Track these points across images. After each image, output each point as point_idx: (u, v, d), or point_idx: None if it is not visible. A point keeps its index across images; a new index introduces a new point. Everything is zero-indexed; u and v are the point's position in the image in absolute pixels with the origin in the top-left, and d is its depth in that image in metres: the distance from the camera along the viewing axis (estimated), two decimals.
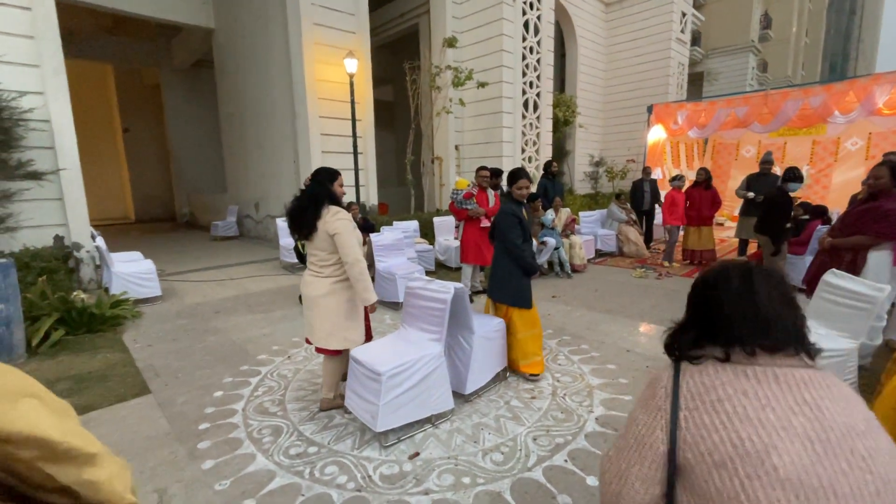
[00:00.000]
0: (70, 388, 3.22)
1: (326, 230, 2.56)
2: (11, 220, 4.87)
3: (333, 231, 2.55)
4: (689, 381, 0.92)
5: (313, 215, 2.58)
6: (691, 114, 10.87)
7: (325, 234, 2.57)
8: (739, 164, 12.18)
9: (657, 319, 4.60)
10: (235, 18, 10.07)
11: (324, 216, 2.58)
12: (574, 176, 14.58)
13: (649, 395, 0.98)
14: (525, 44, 9.87)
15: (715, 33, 21.40)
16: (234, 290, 6.06)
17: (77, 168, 5.43)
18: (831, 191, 10.32)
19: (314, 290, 2.69)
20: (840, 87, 8.59)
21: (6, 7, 4.89)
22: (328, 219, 2.57)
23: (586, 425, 2.65)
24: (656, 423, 0.93)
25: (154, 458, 2.40)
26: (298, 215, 2.64)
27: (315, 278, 2.70)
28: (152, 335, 4.34)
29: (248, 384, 3.26)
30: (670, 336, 1.07)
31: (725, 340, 0.93)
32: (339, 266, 2.67)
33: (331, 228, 2.55)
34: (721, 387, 0.88)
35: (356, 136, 7.84)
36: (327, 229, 2.56)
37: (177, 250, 9.52)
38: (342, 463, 2.32)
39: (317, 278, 2.69)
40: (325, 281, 2.67)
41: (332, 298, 2.68)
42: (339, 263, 2.66)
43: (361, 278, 2.58)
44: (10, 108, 4.73)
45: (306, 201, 2.63)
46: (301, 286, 2.82)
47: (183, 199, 15.74)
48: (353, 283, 2.63)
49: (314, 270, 2.72)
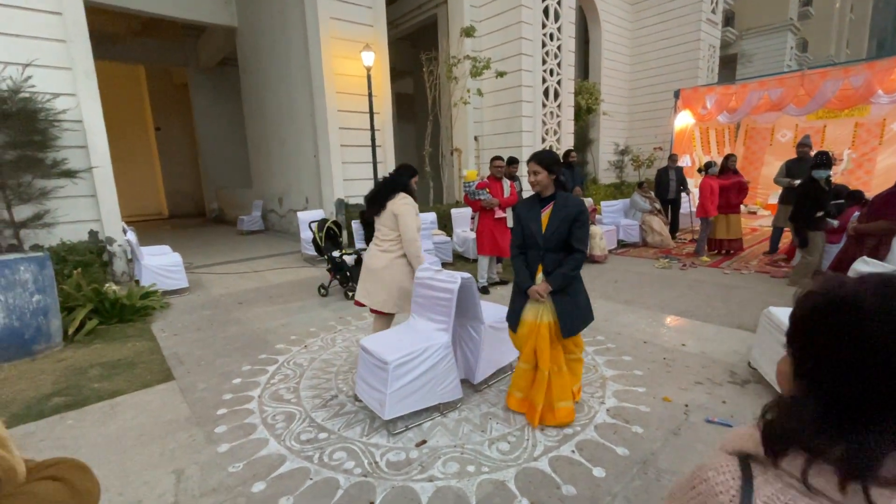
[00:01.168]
0: (101, 374, 3.40)
1: (393, 210, 3.04)
2: (48, 217, 5.15)
3: (398, 211, 3.01)
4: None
5: (385, 196, 3.10)
6: (721, 98, 10.41)
7: (392, 213, 3.04)
8: (775, 149, 11.62)
9: (678, 311, 4.47)
10: (256, 16, 10.26)
11: (395, 199, 3.06)
12: (598, 165, 14.23)
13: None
14: (545, 30, 9.66)
15: (749, 12, 20.37)
16: (256, 281, 6.23)
17: (108, 166, 5.68)
18: (875, 175, 9.73)
19: (376, 262, 3.12)
20: (884, 64, 8.03)
21: (39, 13, 5.13)
22: (397, 201, 3.05)
23: (596, 416, 2.61)
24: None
25: (174, 440, 2.51)
26: (374, 194, 3.17)
27: (378, 252, 3.13)
28: (178, 325, 4.53)
29: (265, 372, 3.36)
30: (783, 413, 0.58)
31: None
32: (397, 242, 3.09)
33: (396, 209, 3.03)
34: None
35: (374, 129, 7.89)
36: (394, 209, 3.03)
37: (205, 244, 9.86)
38: (350, 449, 2.37)
39: (379, 252, 3.13)
40: (386, 256, 3.10)
41: (390, 271, 3.09)
42: (397, 240, 3.09)
43: (417, 254, 3.06)
44: (45, 109, 4.97)
45: (384, 185, 3.17)
46: (365, 257, 3.27)
47: (211, 194, 16.26)
48: (409, 258, 3.08)
49: (377, 245, 3.16)
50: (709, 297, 4.85)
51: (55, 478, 0.60)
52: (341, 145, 8.17)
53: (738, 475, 0.56)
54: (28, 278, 3.67)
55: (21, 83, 4.80)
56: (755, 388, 2.89)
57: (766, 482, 0.54)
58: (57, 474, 0.60)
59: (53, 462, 0.63)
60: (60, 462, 0.63)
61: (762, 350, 2.97)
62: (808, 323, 0.59)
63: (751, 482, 0.55)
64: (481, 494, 2.01)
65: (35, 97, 4.90)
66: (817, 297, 0.58)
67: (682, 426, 2.49)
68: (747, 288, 5.15)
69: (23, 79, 4.81)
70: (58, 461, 0.63)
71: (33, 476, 0.59)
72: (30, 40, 5.08)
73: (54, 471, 0.61)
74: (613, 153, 14.51)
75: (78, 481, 0.62)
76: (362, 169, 8.34)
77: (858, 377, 0.53)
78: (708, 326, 4.01)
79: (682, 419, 2.55)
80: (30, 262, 3.70)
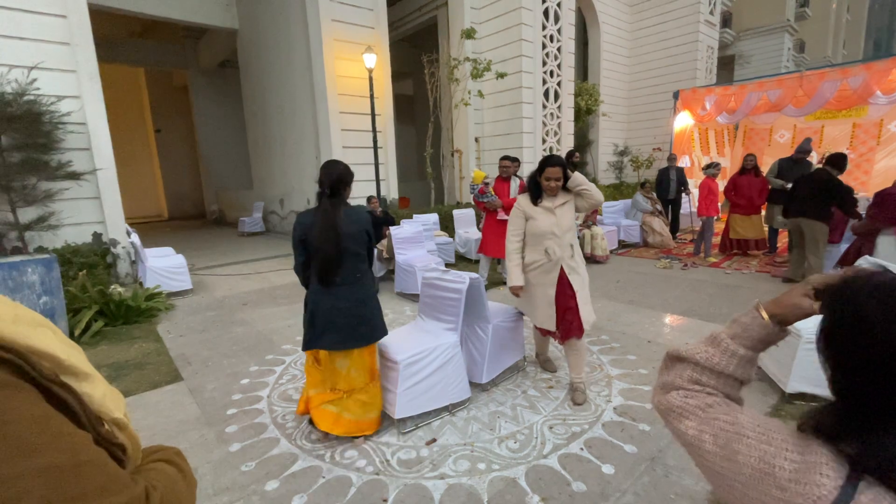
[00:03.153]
0: (109, 375, 3.42)
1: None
2: (53, 219, 5.16)
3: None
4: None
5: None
6: (720, 98, 10.48)
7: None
8: (773, 149, 11.66)
9: (681, 310, 4.50)
10: (258, 18, 10.29)
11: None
12: (597, 166, 14.29)
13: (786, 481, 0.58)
14: (545, 32, 9.71)
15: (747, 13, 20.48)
16: (259, 283, 6.25)
17: (112, 168, 5.69)
18: (873, 176, 9.78)
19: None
20: (882, 65, 8.11)
21: (44, 16, 5.15)
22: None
23: (604, 415, 2.64)
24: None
25: (185, 440, 2.53)
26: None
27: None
28: (184, 326, 4.54)
29: (272, 372, 3.38)
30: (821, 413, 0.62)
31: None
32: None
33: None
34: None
35: (376, 130, 7.92)
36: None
37: (206, 246, 9.87)
38: (361, 448, 2.39)
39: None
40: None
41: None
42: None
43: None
44: (49, 111, 4.99)
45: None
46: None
47: (212, 196, 16.26)
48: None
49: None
50: (711, 296, 4.89)
51: (166, 460, 0.65)
52: (343, 147, 8.19)
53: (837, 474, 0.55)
54: (35, 280, 3.69)
55: (26, 86, 4.82)
56: (759, 385, 2.92)
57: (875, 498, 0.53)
58: (166, 458, 0.66)
59: (157, 448, 0.69)
60: (163, 448, 0.69)
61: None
62: (826, 337, 0.63)
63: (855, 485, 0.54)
64: (493, 492, 2.03)
65: (40, 100, 4.91)
66: (829, 313, 0.63)
67: None
68: (749, 288, 5.20)
69: (28, 81, 4.83)
70: (161, 447, 0.69)
71: (148, 459, 0.65)
72: (35, 43, 5.10)
73: (163, 454, 0.67)
74: (613, 154, 14.57)
75: (183, 465, 0.68)
76: (364, 170, 8.36)
77: (875, 383, 0.56)
78: (711, 325, 4.05)
79: None
80: (37, 264, 3.72)
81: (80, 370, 0.53)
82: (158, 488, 0.55)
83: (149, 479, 0.56)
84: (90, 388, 0.53)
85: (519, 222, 2.80)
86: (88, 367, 0.55)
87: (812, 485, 0.55)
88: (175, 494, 0.59)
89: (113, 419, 0.56)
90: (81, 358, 0.55)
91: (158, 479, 0.59)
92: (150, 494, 0.53)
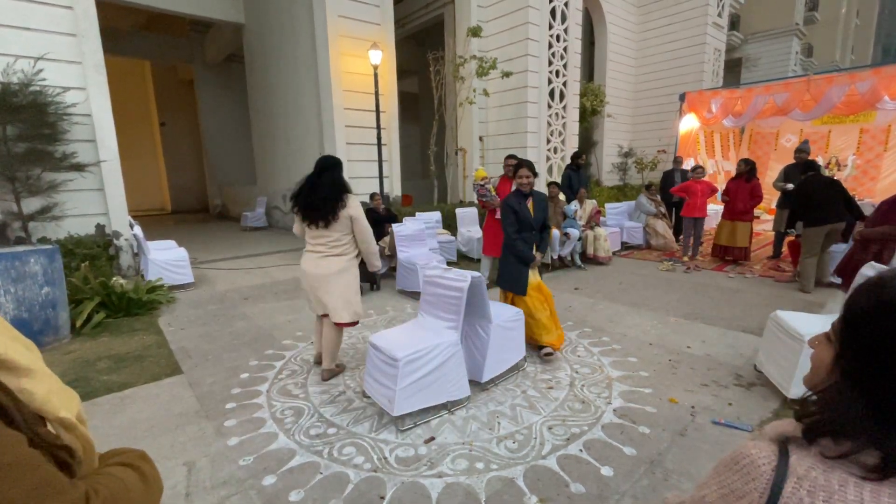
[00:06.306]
0: (109, 366, 3.42)
1: (350, 214, 2.92)
2: (57, 210, 5.18)
3: (355, 215, 2.93)
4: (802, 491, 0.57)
5: (337, 202, 2.88)
6: (726, 101, 10.41)
7: (348, 217, 2.92)
8: (779, 154, 11.61)
9: (683, 313, 4.48)
10: (264, 13, 10.28)
11: (348, 203, 2.92)
12: (602, 167, 14.24)
13: (733, 489, 0.64)
14: (552, 32, 9.66)
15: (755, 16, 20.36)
16: (261, 278, 6.26)
17: (116, 160, 5.70)
18: (880, 181, 9.72)
19: (328, 268, 2.95)
20: (890, 70, 8.03)
21: (50, 6, 5.15)
22: (351, 204, 2.93)
23: (604, 416, 2.62)
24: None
25: (184, 433, 2.53)
26: (321, 200, 2.87)
27: (326, 258, 2.96)
28: (185, 319, 4.55)
29: (272, 367, 3.38)
30: (828, 407, 0.62)
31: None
32: (351, 244, 3.02)
33: (353, 213, 2.93)
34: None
35: (380, 127, 7.90)
36: (350, 214, 2.92)
37: (209, 240, 9.89)
38: (360, 444, 2.39)
39: (328, 258, 2.96)
40: (340, 259, 2.97)
41: (346, 275, 3.00)
42: (351, 243, 3.02)
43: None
44: (55, 102, 5.00)
45: (332, 191, 2.88)
46: (308, 268, 3.01)
47: (215, 190, 16.29)
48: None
49: (323, 251, 2.97)
50: (713, 300, 4.87)
51: (125, 464, 0.62)
52: (347, 143, 8.18)
53: (777, 451, 0.61)
54: (38, 270, 3.69)
55: (32, 76, 4.82)
56: (761, 390, 2.90)
57: (801, 457, 0.59)
58: (126, 461, 0.63)
59: (119, 451, 0.66)
60: (125, 451, 0.66)
61: (768, 353, 2.99)
62: (858, 323, 0.60)
63: (787, 456, 0.60)
64: (490, 491, 2.02)
65: (45, 90, 4.93)
66: (866, 299, 0.60)
67: (689, 427, 2.50)
68: (751, 292, 5.17)
69: (34, 72, 4.83)
70: (122, 451, 0.66)
71: (105, 462, 0.62)
72: (41, 34, 5.10)
73: (124, 458, 0.64)
74: (617, 155, 14.51)
75: (146, 469, 0.64)
76: (368, 167, 8.35)
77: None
78: (712, 329, 4.03)
79: (688, 420, 2.57)
80: (40, 254, 3.72)
81: (19, 364, 0.49)
82: (101, 493, 0.52)
83: (93, 483, 0.53)
84: (31, 384, 0.50)
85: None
86: (32, 363, 0.51)
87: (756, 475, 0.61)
88: (125, 501, 0.56)
89: (58, 419, 0.53)
90: (26, 353, 0.51)
91: (107, 483, 0.55)
92: (91, 499, 0.49)
